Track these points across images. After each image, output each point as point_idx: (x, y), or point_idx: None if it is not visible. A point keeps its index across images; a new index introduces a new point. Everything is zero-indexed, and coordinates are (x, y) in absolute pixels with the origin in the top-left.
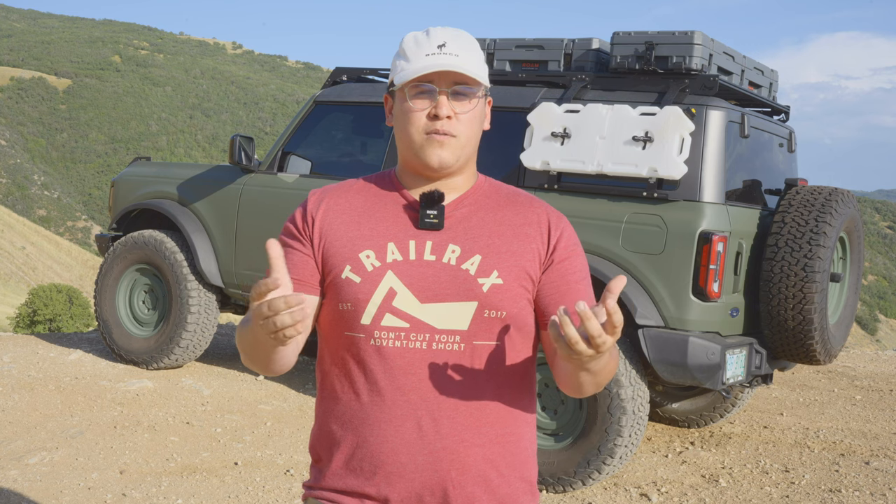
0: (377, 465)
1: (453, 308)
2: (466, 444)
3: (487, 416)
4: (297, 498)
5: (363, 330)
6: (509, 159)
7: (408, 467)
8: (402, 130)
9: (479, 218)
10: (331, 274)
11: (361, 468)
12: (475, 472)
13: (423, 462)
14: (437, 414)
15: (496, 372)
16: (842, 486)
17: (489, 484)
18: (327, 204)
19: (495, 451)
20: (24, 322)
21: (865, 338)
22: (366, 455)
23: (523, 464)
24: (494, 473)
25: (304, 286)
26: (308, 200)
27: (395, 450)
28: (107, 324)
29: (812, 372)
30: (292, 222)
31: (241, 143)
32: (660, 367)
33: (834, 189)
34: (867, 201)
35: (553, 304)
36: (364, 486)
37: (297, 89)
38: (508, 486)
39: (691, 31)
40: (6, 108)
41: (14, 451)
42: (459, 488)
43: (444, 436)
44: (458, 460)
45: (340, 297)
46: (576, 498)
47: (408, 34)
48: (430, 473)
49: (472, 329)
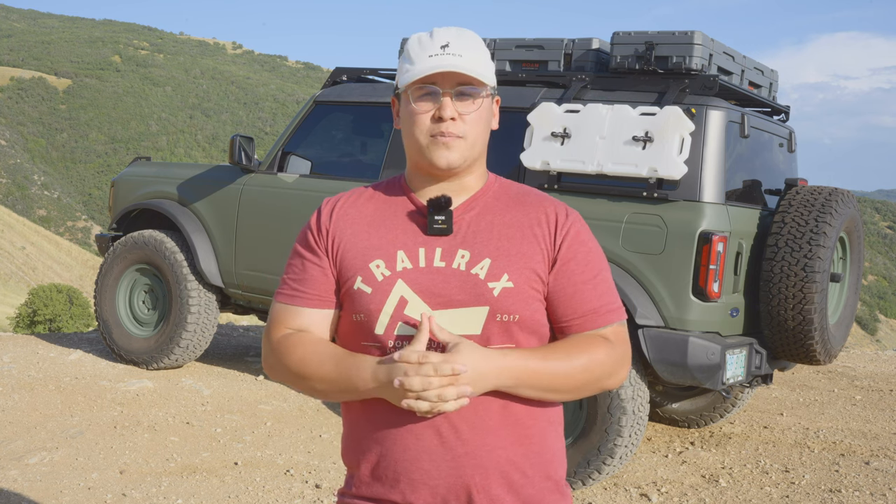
0: (400, 472)
1: (465, 314)
2: (488, 447)
3: (507, 419)
4: (297, 498)
5: (377, 340)
6: (509, 159)
7: (431, 473)
8: (409, 133)
9: (488, 221)
10: (345, 285)
11: (386, 476)
12: (498, 474)
13: (446, 468)
14: (455, 420)
15: None
16: (842, 486)
17: (513, 485)
18: (338, 214)
19: (518, 453)
20: (24, 322)
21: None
22: (389, 464)
23: (548, 463)
24: (518, 475)
25: (322, 301)
26: (321, 210)
27: (416, 458)
28: (107, 324)
29: (812, 372)
30: (307, 233)
31: (241, 143)
32: (660, 367)
33: (834, 189)
34: (867, 201)
35: (560, 308)
36: (389, 493)
37: (297, 89)
38: (533, 486)
39: (691, 31)
40: (6, 108)
41: (14, 451)
42: (484, 492)
43: (466, 441)
44: (481, 464)
45: (354, 309)
46: (576, 498)
47: (413, 35)
48: (454, 478)
49: (486, 333)
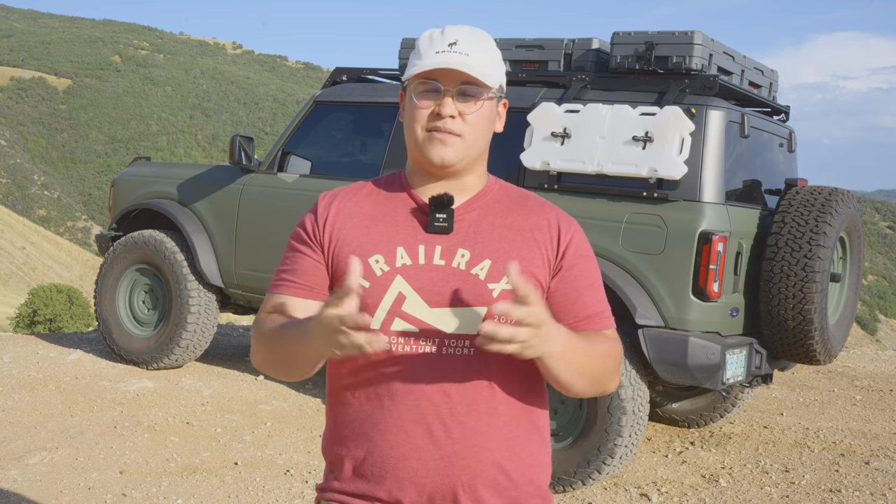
0: (387, 469)
1: (463, 313)
2: (477, 448)
3: (497, 421)
4: (297, 498)
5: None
6: (509, 159)
7: (418, 472)
8: (408, 126)
9: (489, 222)
10: (341, 278)
11: (372, 472)
12: (485, 476)
13: (433, 466)
14: (446, 419)
15: (506, 376)
16: (842, 486)
17: (498, 487)
18: (337, 207)
19: (504, 455)
20: (24, 322)
21: (865, 338)
22: (376, 460)
23: (530, 468)
24: (503, 477)
25: (315, 293)
26: (318, 204)
27: (405, 455)
28: (107, 324)
29: (812, 372)
30: (302, 227)
31: (241, 143)
32: (660, 367)
33: (834, 189)
34: (867, 201)
35: (561, 312)
36: (375, 490)
37: (297, 89)
38: (517, 489)
39: (691, 31)
40: (6, 108)
41: (14, 451)
42: (470, 492)
43: (455, 440)
44: (469, 465)
45: None
46: (576, 498)
47: (427, 31)
48: (441, 478)
49: None
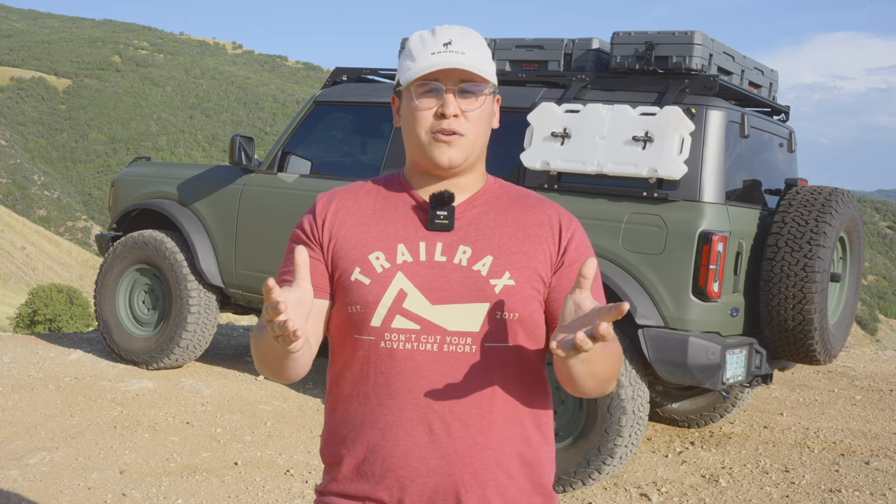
0: (388, 468)
1: (465, 309)
2: (479, 447)
3: (499, 419)
4: (297, 498)
5: (373, 332)
6: (509, 159)
7: (420, 471)
8: (410, 130)
9: (490, 219)
10: (340, 277)
11: (373, 472)
12: (487, 475)
13: (435, 465)
14: (448, 417)
15: (508, 374)
16: (842, 486)
17: (499, 486)
18: (336, 206)
19: (507, 454)
20: (24, 322)
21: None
22: (377, 459)
23: (532, 465)
24: (504, 476)
25: (315, 291)
26: (316, 203)
27: (406, 454)
28: (107, 324)
29: (812, 372)
30: (301, 228)
31: (241, 143)
32: (660, 367)
33: (834, 189)
34: (867, 201)
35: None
36: (375, 490)
37: (297, 89)
38: (519, 488)
39: (691, 31)
40: (6, 108)
41: (14, 451)
42: (472, 491)
43: (457, 439)
44: (471, 464)
45: (350, 300)
46: (576, 498)
47: (414, 33)
48: (443, 477)
49: (484, 331)
